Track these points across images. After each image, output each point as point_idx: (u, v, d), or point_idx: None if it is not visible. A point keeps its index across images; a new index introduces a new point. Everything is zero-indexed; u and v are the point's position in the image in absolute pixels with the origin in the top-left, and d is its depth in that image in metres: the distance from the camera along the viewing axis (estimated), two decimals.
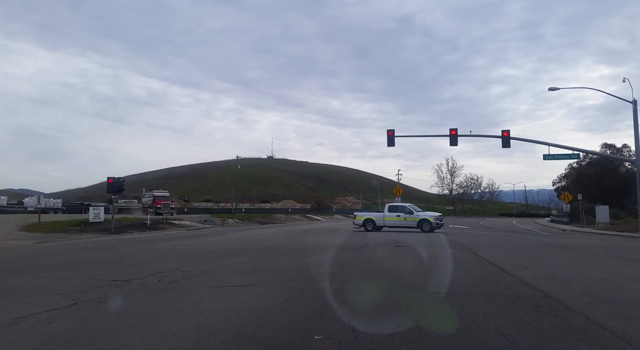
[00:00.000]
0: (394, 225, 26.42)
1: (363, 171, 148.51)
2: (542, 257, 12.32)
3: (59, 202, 55.33)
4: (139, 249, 14.11)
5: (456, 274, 8.22)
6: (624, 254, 13.48)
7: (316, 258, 11.02)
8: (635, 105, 27.55)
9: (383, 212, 27.10)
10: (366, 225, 26.52)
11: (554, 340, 4.08)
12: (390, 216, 26.47)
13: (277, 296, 6.04)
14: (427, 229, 25.08)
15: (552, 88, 29.89)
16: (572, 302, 5.76)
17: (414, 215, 26.25)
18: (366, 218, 27.04)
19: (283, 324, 4.60)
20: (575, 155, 32.60)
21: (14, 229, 23.10)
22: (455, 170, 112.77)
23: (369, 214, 28.13)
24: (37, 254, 13.37)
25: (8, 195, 65.06)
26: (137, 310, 5.28)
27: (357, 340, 4.00)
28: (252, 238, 19.94)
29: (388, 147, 30.28)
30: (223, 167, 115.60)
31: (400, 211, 26.72)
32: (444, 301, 5.84)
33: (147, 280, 7.36)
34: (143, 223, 28.49)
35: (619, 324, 4.61)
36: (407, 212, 26.46)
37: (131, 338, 4.03)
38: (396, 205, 28.29)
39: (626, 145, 54.68)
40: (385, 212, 26.82)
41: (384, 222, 26.52)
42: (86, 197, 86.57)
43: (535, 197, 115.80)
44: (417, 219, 25.94)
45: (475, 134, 32.73)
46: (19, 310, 5.19)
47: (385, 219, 26.53)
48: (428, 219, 25.83)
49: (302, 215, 67.16)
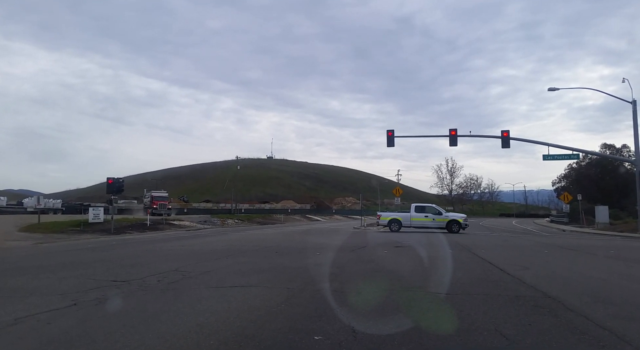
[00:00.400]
0: (422, 226, 26.15)
1: (363, 171, 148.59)
2: (541, 258, 12.32)
3: (58, 202, 55.42)
4: (138, 250, 14.11)
5: (456, 274, 8.21)
6: (624, 254, 13.48)
7: (316, 258, 11.02)
8: (634, 106, 27.57)
9: (409, 213, 26.74)
10: (391, 225, 26.20)
11: (553, 341, 4.08)
12: (418, 216, 26.26)
13: (277, 297, 6.04)
14: (456, 230, 25.18)
15: (552, 88, 29.90)
16: (572, 302, 5.76)
17: (443, 216, 26.20)
18: (392, 218, 26.71)
19: (283, 324, 4.60)
20: (574, 155, 32.58)
21: (13, 229, 23.11)
22: (454, 171, 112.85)
23: (394, 214, 27.78)
24: (36, 254, 13.36)
25: (7, 196, 65.04)
26: (136, 311, 5.28)
27: (356, 341, 4.00)
28: (251, 238, 19.93)
29: (388, 147, 30.31)
30: (223, 167, 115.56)
31: (428, 211, 26.63)
32: (443, 301, 5.84)
33: (146, 281, 7.35)
34: (143, 224, 28.49)
35: (618, 324, 4.61)
36: (435, 213, 26.41)
37: (131, 338, 4.02)
38: (423, 205, 28.17)
39: (626, 145, 54.80)
40: (412, 213, 26.50)
41: (410, 222, 26.21)
42: (86, 197, 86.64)
43: (534, 197, 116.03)
44: (447, 219, 25.89)
45: (475, 135, 32.77)
46: (18, 310, 5.18)
47: (412, 219, 26.26)
48: (457, 220, 25.86)
49: (301, 215, 67.20)
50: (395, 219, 26.62)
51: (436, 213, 26.36)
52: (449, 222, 25.64)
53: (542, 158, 29.57)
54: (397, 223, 26.29)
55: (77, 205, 57.60)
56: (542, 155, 29.51)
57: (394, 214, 27.84)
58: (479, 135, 34.08)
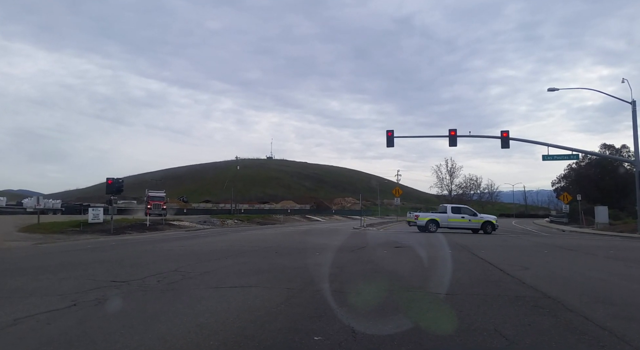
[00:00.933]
0: (458, 227, 26.87)
1: (362, 172, 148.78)
2: (541, 258, 12.32)
3: (58, 203, 55.35)
4: (138, 250, 14.09)
5: (455, 274, 8.21)
6: (623, 255, 13.48)
7: (315, 259, 11.02)
8: (634, 106, 27.59)
9: (446, 213, 27.26)
10: (429, 226, 26.64)
11: (553, 341, 4.08)
12: (455, 217, 26.91)
13: (277, 297, 6.03)
14: (490, 231, 26.13)
15: (552, 89, 29.93)
16: (572, 302, 5.76)
17: (478, 217, 27.13)
18: (430, 219, 27.11)
19: (282, 324, 4.59)
20: (574, 155, 32.62)
21: (13, 230, 23.08)
22: (454, 171, 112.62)
23: (432, 214, 28.08)
24: (36, 255, 13.34)
25: (7, 196, 64.99)
26: (136, 311, 5.27)
27: (356, 341, 4.00)
28: (251, 239, 19.92)
29: (387, 147, 30.37)
30: (222, 167, 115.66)
31: (464, 213, 27.37)
32: (443, 302, 5.84)
33: (146, 281, 7.35)
34: (142, 224, 28.47)
35: (618, 325, 4.62)
36: (471, 214, 27.25)
37: (130, 339, 4.02)
38: (459, 206, 28.92)
39: (625, 145, 54.82)
40: (449, 213, 27.09)
41: (448, 223, 26.79)
42: (85, 198, 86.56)
43: (534, 197, 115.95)
44: (482, 221, 26.88)
45: (475, 135, 32.77)
46: (18, 311, 5.17)
47: (449, 220, 26.83)
48: (492, 221, 26.92)
49: (301, 216, 67.18)
50: (434, 219, 27.01)
51: (472, 214, 27.30)
52: (484, 223, 26.60)
53: (542, 158, 29.64)
54: (435, 223, 26.75)
55: (76, 205, 57.53)
56: (542, 155, 29.59)
57: (431, 214, 28.16)
58: (479, 135, 34.05)
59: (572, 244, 18.71)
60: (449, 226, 26.73)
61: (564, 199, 42.15)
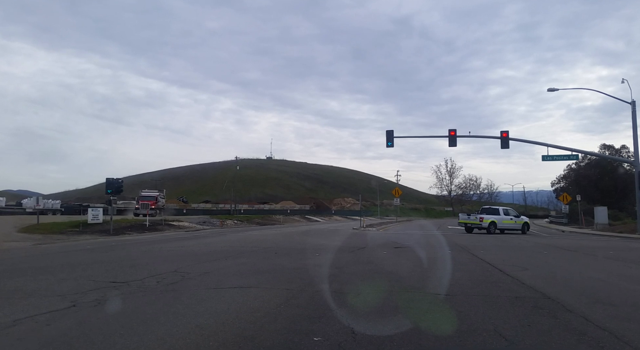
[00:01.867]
0: (508, 228, 28.29)
1: (362, 172, 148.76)
2: (540, 258, 12.33)
3: (57, 203, 55.21)
4: (137, 251, 14.08)
5: (455, 275, 8.22)
6: (623, 255, 13.49)
7: (315, 259, 11.02)
8: (633, 106, 27.62)
9: (499, 215, 28.40)
10: (490, 228, 27.63)
11: (553, 342, 4.08)
12: (506, 219, 28.42)
13: (276, 298, 6.03)
14: (526, 230, 28.41)
15: (551, 89, 29.99)
16: (571, 303, 5.77)
17: (520, 218, 29.12)
18: (491, 221, 28.07)
19: (282, 325, 4.60)
20: (574, 156, 32.66)
21: (12, 230, 23.04)
22: (454, 171, 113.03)
23: (492, 217, 28.79)
24: (35, 255, 13.33)
25: (6, 197, 64.80)
26: (135, 312, 5.27)
27: (356, 342, 4.00)
28: (250, 239, 19.90)
29: (387, 148, 30.39)
30: (222, 168, 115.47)
31: (511, 214, 29.08)
32: (442, 302, 5.84)
33: (145, 282, 7.34)
34: (142, 224, 28.44)
35: (618, 325, 4.62)
36: (515, 216, 29.05)
37: (130, 340, 4.02)
38: (507, 209, 30.43)
39: (625, 146, 54.92)
40: (502, 216, 28.35)
41: (502, 225, 28.07)
42: (85, 198, 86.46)
43: (534, 198, 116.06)
44: (522, 222, 28.93)
45: (474, 135, 32.79)
46: (17, 312, 5.17)
47: (503, 222, 28.16)
48: (527, 222, 29.35)
49: (301, 216, 67.12)
50: (494, 221, 28.06)
51: (516, 216, 29.07)
52: (524, 224, 28.69)
53: (542, 159, 29.73)
54: (494, 225, 27.88)
55: (76, 205, 57.39)
56: (542, 155, 29.68)
57: (492, 216, 28.82)
58: (478, 135, 34.03)
59: (571, 244, 18.71)
60: (502, 228, 27.97)
61: (563, 200, 42.20)
